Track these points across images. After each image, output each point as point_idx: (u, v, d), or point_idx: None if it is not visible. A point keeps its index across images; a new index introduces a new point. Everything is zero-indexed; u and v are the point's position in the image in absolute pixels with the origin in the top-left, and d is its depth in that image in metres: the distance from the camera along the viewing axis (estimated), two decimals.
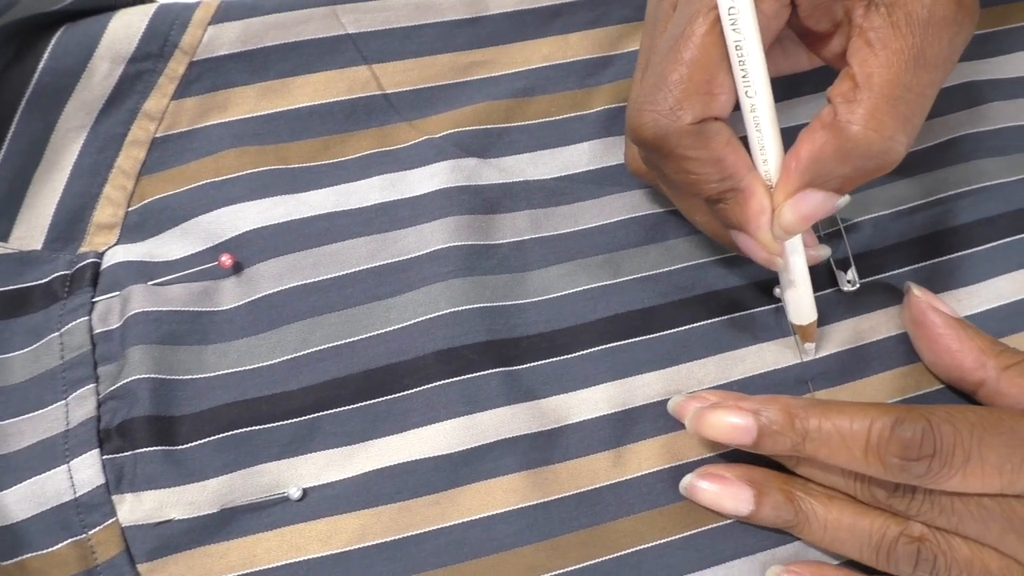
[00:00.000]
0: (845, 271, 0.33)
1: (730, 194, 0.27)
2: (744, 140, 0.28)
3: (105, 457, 0.29)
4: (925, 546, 0.27)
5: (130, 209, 0.33)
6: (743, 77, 0.26)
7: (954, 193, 0.35)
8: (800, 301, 0.31)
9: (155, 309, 0.30)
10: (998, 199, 0.35)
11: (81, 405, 0.30)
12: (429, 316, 0.31)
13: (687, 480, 0.30)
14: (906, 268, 0.34)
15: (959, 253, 0.34)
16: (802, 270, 0.30)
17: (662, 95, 0.26)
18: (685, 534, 0.30)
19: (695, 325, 0.32)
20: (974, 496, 0.27)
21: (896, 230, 0.34)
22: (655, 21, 0.29)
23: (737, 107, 0.27)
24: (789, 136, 0.27)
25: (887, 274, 0.34)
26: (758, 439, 0.28)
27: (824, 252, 0.32)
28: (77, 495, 0.28)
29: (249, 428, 0.30)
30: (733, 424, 0.28)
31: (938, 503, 0.27)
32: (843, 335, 0.33)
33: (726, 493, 0.29)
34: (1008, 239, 0.34)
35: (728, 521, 0.30)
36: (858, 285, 0.33)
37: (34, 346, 0.31)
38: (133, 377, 0.29)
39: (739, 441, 0.28)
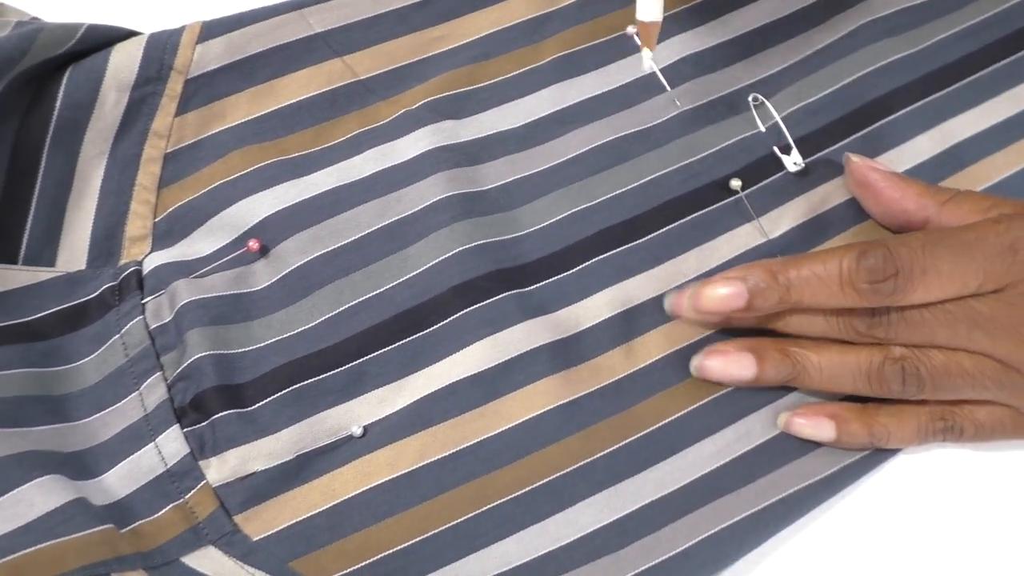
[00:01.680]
0: (789, 155, 0.38)
1: None
2: None
3: (186, 430, 0.32)
4: (907, 362, 0.32)
5: (157, 219, 0.37)
6: None
7: (867, 72, 0.40)
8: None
9: (200, 296, 0.34)
10: (904, 70, 0.40)
11: (153, 392, 0.33)
12: (441, 258, 0.35)
13: (695, 361, 0.34)
14: (840, 143, 0.38)
15: (881, 122, 0.39)
16: None
17: None
18: (699, 404, 0.33)
19: (671, 227, 0.37)
20: (938, 305, 0.31)
21: (825, 113, 0.39)
22: None
23: None
24: None
25: (825, 151, 0.38)
26: (750, 300, 0.32)
27: None
28: (168, 466, 0.32)
29: (305, 382, 0.33)
30: (725, 294, 0.32)
31: (910, 319, 0.32)
32: (799, 210, 0.37)
33: (731, 363, 0.33)
34: (919, 103, 0.39)
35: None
36: (803, 164, 0.37)
37: (100, 351, 0.34)
38: (196, 356, 0.33)
39: (733, 306, 0.32)
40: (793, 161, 0.37)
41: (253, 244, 0.35)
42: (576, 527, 0.31)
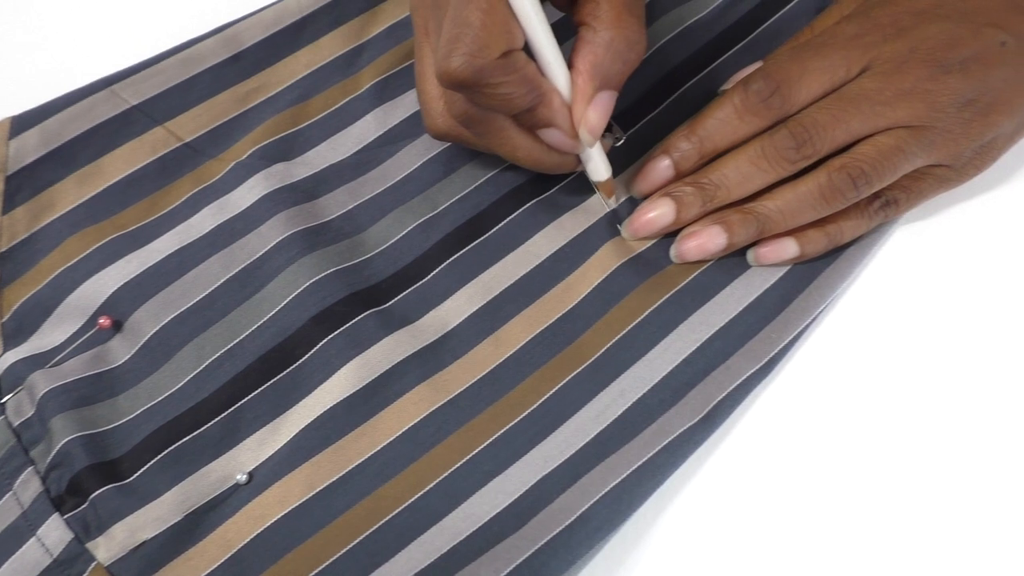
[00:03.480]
0: (611, 131, 0.39)
1: (538, 99, 0.33)
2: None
3: (67, 516, 0.32)
4: (849, 167, 0.34)
5: (4, 320, 0.36)
6: (527, 18, 0.31)
7: (669, 38, 0.42)
8: (598, 165, 0.36)
9: (60, 383, 0.34)
10: (698, 33, 0.42)
11: (27, 487, 0.32)
12: (295, 293, 0.35)
13: (673, 251, 0.37)
14: (655, 110, 0.40)
15: (690, 82, 0.41)
16: (596, 145, 0.36)
17: (469, 38, 0.30)
18: (573, 374, 0.34)
19: (514, 215, 0.38)
20: (833, 99, 0.34)
21: (639, 84, 0.41)
22: None
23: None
24: None
25: (643, 121, 0.40)
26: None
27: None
28: (55, 556, 0.31)
29: (181, 441, 0.33)
30: (654, 216, 0.36)
31: (822, 123, 0.34)
32: (629, 178, 0.39)
33: (704, 239, 0.36)
34: (723, 57, 0.42)
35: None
36: (623, 138, 0.39)
37: None
38: (63, 441, 0.32)
39: (666, 221, 0.36)
40: (615, 136, 0.39)
41: (104, 321, 0.35)
42: (473, 519, 0.32)
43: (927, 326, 0.35)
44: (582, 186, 0.38)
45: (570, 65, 0.33)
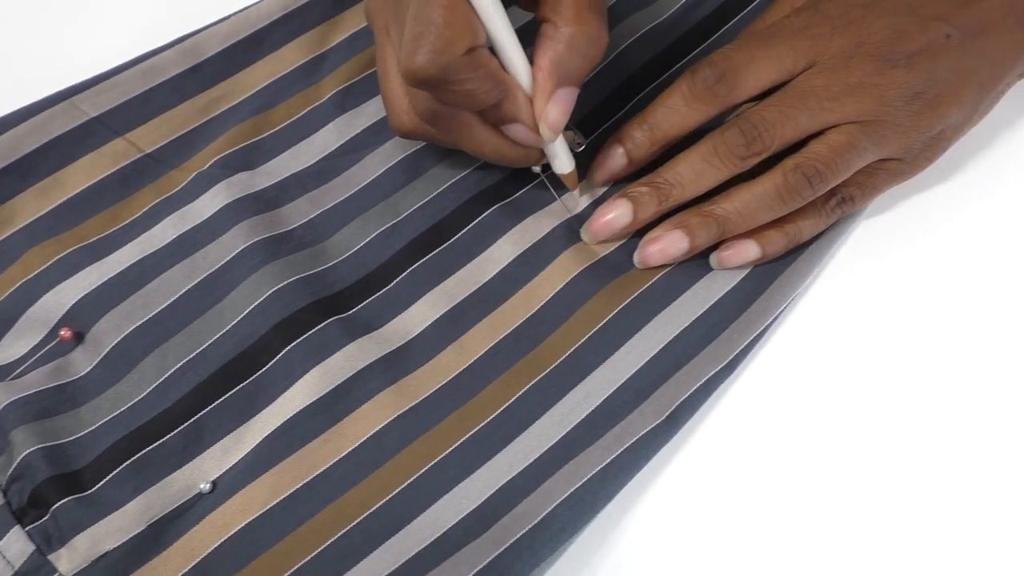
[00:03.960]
0: (575, 137, 0.40)
1: (501, 96, 0.33)
2: None
3: (28, 528, 0.31)
4: (803, 166, 0.34)
5: None
6: (488, 16, 0.32)
7: (627, 44, 0.42)
8: (562, 159, 0.37)
9: (21, 396, 0.33)
10: (657, 38, 0.43)
11: None
12: (257, 302, 0.35)
13: (636, 257, 0.37)
14: (615, 117, 0.41)
15: (647, 89, 0.41)
16: (559, 139, 0.36)
17: (433, 36, 0.30)
18: (536, 379, 0.34)
19: (476, 221, 0.38)
20: (780, 94, 0.35)
21: (597, 90, 0.41)
22: None
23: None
24: None
25: (603, 127, 0.41)
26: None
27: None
28: (16, 568, 0.31)
29: (143, 451, 0.33)
30: (612, 217, 0.36)
31: (770, 119, 0.34)
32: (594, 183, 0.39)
33: (666, 244, 0.36)
34: (677, 66, 0.42)
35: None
36: (584, 144, 0.39)
37: None
38: (24, 454, 0.32)
39: (624, 221, 0.36)
40: (576, 141, 0.39)
41: (65, 333, 0.35)
42: (438, 525, 0.32)
43: (888, 324, 0.36)
44: (544, 190, 0.39)
45: (532, 62, 0.33)
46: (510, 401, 0.34)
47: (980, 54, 0.35)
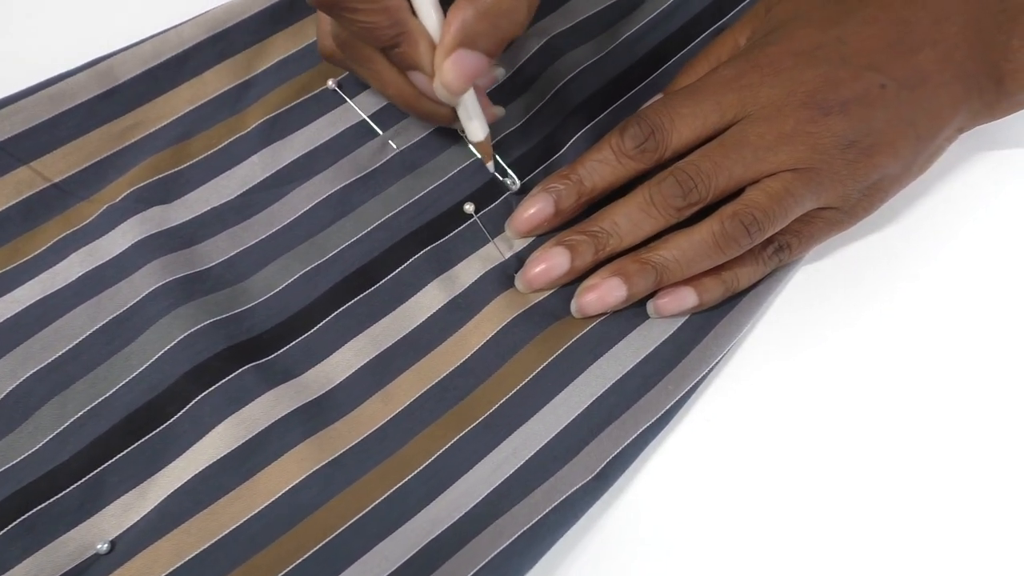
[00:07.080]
0: (506, 179, 0.38)
1: (401, 38, 0.32)
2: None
3: None
4: (740, 214, 0.34)
5: None
6: None
7: (565, 81, 0.41)
8: (474, 126, 0.35)
9: None
10: (594, 76, 0.42)
11: None
12: (167, 347, 0.33)
13: (573, 305, 0.36)
14: (552, 158, 0.40)
15: (584, 128, 0.40)
16: (472, 102, 0.35)
17: None
18: (464, 432, 0.33)
19: (407, 264, 0.36)
20: (714, 146, 0.34)
21: (538, 130, 0.40)
22: None
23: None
24: None
25: (541, 167, 0.39)
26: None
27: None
28: None
29: (36, 508, 0.31)
30: (548, 266, 0.36)
31: (705, 170, 0.34)
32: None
33: (603, 292, 0.35)
34: (615, 104, 0.41)
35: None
36: (519, 184, 0.38)
37: None
38: None
39: (561, 270, 0.35)
40: (510, 181, 0.38)
41: None
42: None
43: (824, 374, 0.35)
44: (476, 234, 0.37)
45: None
46: (436, 455, 0.33)
47: (917, 106, 0.35)
